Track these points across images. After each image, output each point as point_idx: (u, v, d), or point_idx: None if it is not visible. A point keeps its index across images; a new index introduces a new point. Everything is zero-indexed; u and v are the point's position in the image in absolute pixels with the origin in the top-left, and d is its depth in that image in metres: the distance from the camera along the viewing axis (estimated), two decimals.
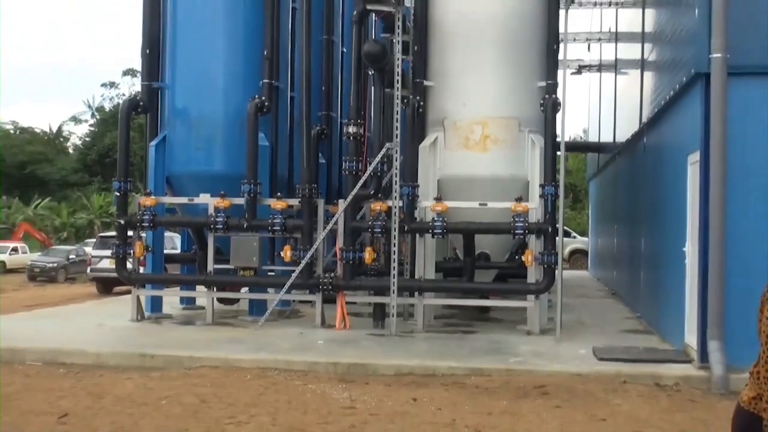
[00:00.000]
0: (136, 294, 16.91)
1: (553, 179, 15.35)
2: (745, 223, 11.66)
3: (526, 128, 15.98)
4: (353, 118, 16.18)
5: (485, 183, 15.85)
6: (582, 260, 40.03)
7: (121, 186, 16.83)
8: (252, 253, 16.23)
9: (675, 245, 13.69)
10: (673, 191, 14.13)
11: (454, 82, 16.25)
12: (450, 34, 16.40)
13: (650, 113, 16.60)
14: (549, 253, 15.12)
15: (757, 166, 11.72)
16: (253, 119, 16.25)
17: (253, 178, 16.13)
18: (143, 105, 17.61)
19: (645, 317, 17.45)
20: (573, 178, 55.78)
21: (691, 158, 12.71)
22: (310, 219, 16.13)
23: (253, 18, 17.11)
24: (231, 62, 17.19)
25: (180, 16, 17.35)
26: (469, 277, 16.18)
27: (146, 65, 17.87)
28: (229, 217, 16.18)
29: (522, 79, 16.08)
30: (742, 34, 11.62)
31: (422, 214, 15.81)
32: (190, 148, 17.09)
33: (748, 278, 11.34)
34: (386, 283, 15.53)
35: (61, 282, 35.00)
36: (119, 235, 16.97)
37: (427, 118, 16.71)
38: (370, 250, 16.06)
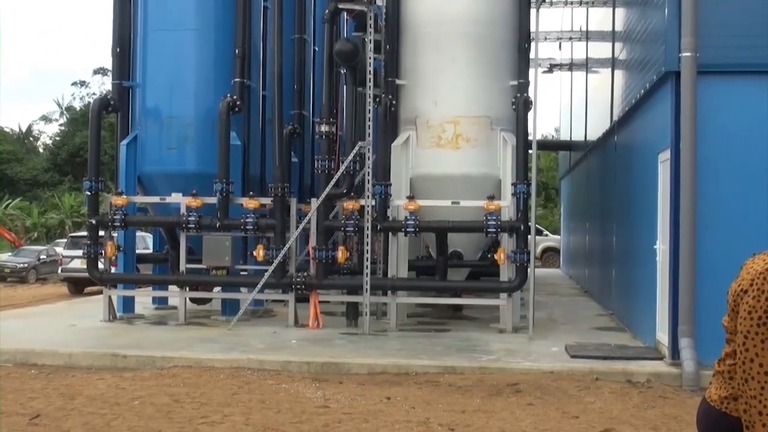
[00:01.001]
0: (108, 294, 16.81)
1: (525, 177, 15.41)
2: (716, 221, 11.75)
3: (498, 127, 16.03)
4: (325, 116, 16.18)
5: (457, 181, 15.89)
6: (554, 258, 40.21)
7: (92, 185, 16.72)
8: (224, 253, 16.18)
9: (646, 243, 13.78)
10: (644, 189, 14.22)
11: (425, 81, 16.28)
12: (422, 33, 16.43)
13: (621, 112, 16.70)
14: (521, 251, 15.18)
15: (726, 164, 11.82)
16: (225, 118, 16.20)
17: (225, 178, 16.08)
18: (114, 104, 17.51)
19: (617, 314, 17.56)
20: (545, 176, 56.03)
21: (661, 156, 12.81)
22: (282, 218, 16.11)
23: (224, 16, 17.05)
24: (202, 61, 17.13)
25: (150, 14, 17.25)
26: (442, 275, 16.21)
27: (117, 64, 17.79)
28: (201, 217, 16.13)
29: (493, 78, 16.14)
30: (711, 33, 11.72)
31: (395, 212, 15.82)
32: (162, 147, 17.01)
33: (719, 275, 11.38)
34: (359, 281, 15.53)
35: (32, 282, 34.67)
36: (90, 235, 16.86)
37: (399, 116, 16.73)
38: (343, 249, 16.07)
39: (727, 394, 3.41)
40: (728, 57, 11.87)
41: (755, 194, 11.73)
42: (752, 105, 11.86)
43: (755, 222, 11.65)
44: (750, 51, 11.83)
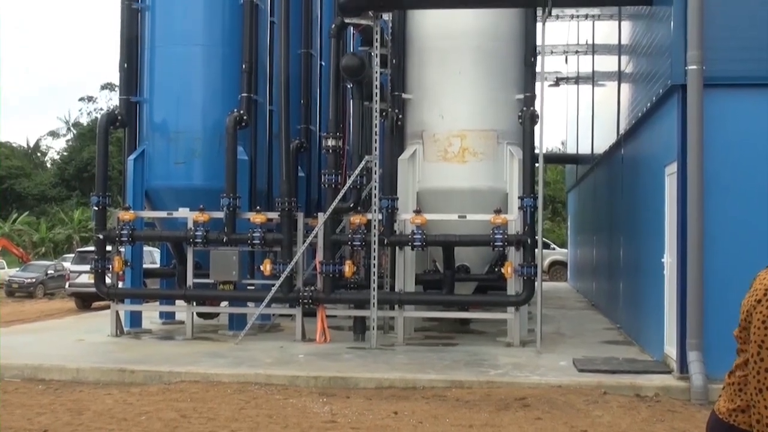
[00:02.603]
0: (115, 309, 16.83)
1: (532, 191, 15.41)
2: (723, 234, 11.72)
3: (505, 140, 16.04)
4: (332, 131, 16.19)
5: (464, 195, 15.90)
6: (561, 272, 40.15)
7: (100, 200, 16.77)
8: (231, 267, 16.19)
9: (653, 256, 13.76)
10: (651, 202, 14.21)
11: (432, 95, 16.30)
12: (428, 47, 16.47)
13: (627, 125, 16.70)
14: (528, 264, 15.16)
15: (733, 177, 11.80)
16: (232, 133, 16.24)
17: (232, 192, 16.11)
18: (121, 119, 17.56)
19: (625, 328, 17.51)
20: (551, 189, 55.98)
21: (668, 169, 12.79)
22: (289, 232, 16.12)
23: (231, 31, 17.11)
24: (209, 76, 17.17)
25: (158, 29, 17.33)
26: (449, 289, 16.19)
27: (124, 79, 17.84)
28: (208, 231, 16.15)
29: (500, 92, 16.16)
30: (717, 46, 11.72)
31: (402, 226, 15.82)
32: (169, 162, 17.04)
33: (727, 288, 11.40)
34: (366, 296, 15.52)
35: (40, 297, 34.73)
36: (98, 249, 16.90)
37: (405, 130, 16.75)
38: (350, 263, 16.06)
39: (735, 406, 3.39)
40: (734, 70, 11.87)
41: (762, 207, 11.70)
42: (759, 117, 11.84)
43: (762, 234, 11.62)
44: (756, 64, 11.83)
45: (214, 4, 17.20)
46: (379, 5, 15.46)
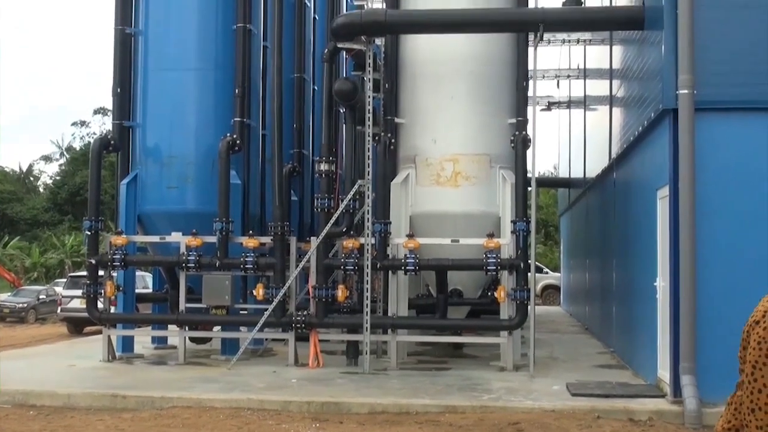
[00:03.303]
0: (107, 334, 16.76)
1: (525, 215, 15.42)
2: (716, 257, 11.74)
3: (497, 164, 16.07)
4: (325, 155, 16.21)
5: (457, 219, 15.91)
6: (554, 296, 40.13)
7: (92, 225, 16.74)
8: (224, 292, 16.16)
9: (646, 280, 13.76)
10: (643, 226, 14.23)
11: (424, 119, 16.34)
12: (420, 71, 16.53)
13: (619, 149, 16.75)
14: (521, 288, 15.16)
15: (726, 200, 11.83)
16: (225, 157, 16.25)
17: (225, 216, 16.10)
18: (114, 144, 17.57)
19: (618, 352, 17.49)
20: (544, 213, 56.06)
21: (660, 193, 12.82)
22: (282, 257, 16.11)
23: (224, 56, 17.16)
24: (202, 100, 17.21)
25: (151, 54, 17.36)
26: (442, 313, 16.16)
27: (117, 104, 17.86)
28: (201, 256, 16.12)
29: (492, 116, 16.21)
30: (708, 71, 11.78)
31: (395, 251, 15.81)
32: (162, 186, 17.04)
33: (720, 312, 11.43)
34: (359, 320, 15.49)
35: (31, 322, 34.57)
36: (90, 274, 16.85)
37: (398, 155, 16.78)
38: (343, 288, 16.04)
39: (731, 425, 3.38)
40: (725, 94, 11.93)
41: (755, 230, 11.74)
42: (750, 141, 11.89)
43: (754, 258, 11.65)
44: (747, 88, 11.89)
45: (207, 29, 17.27)
46: (372, 30, 15.54)
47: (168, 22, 17.29)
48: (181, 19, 17.24)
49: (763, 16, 11.94)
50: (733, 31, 12.02)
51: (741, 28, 12.01)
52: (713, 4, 11.94)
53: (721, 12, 12.02)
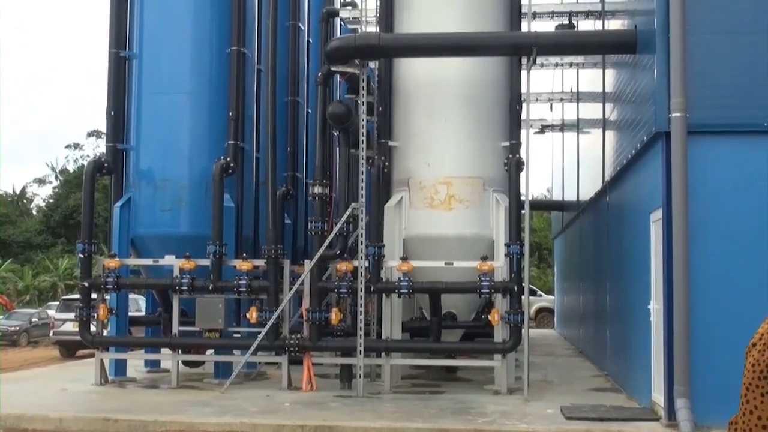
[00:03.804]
0: (100, 357, 16.69)
1: (518, 238, 15.43)
2: (709, 280, 11.74)
3: (491, 187, 16.10)
4: (318, 178, 16.22)
5: (451, 242, 15.91)
6: (548, 318, 40.11)
7: (85, 248, 16.70)
8: (217, 315, 16.12)
9: (640, 303, 13.76)
10: (637, 249, 14.25)
11: (418, 143, 16.38)
12: (414, 95, 16.58)
13: (613, 172, 16.79)
14: (515, 311, 15.15)
15: (719, 223, 11.85)
16: (219, 180, 16.25)
17: (218, 239, 16.08)
18: (108, 166, 17.56)
19: (612, 375, 17.46)
20: (538, 236, 56.08)
21: (653, 216, 12.85)
22: (275, 280, 16.08)
23: (218, 79, 17.20)
24: (196, 124, 17.23)
25: (145, 77, 17.40)
26: (436, 336, 16.14)
27: (111, 127, 17.85)
28: (194, 279, 16.09)
29: (486, 139, 16.25)
30: (700, 94, 11.84)
31: (388, 274, 15.80)
32: (155, 209, 17.03)
33: (714, 334, 11.43)
34: (353, 343, 15.45)
35: (24, 346, 34.40)
36: (83, 297, 16.80)
37: (392, 178, 16.80)
38: (337, 311, 16.01)
39: None
40: (718, 117, 11.98)
41: (748, 253, 11.75)
42: (743, 164, 11.93)
43: (748, 280, 11.66)
44: (739, 111, 11.95)
45: (201, 52, 17.32)
46: (365, 54, 15.60)
47: (162, 45, 17.33)
48: (175, 42, 17.29)
49: (755, 40, 12.01)
50: (724, 54, 12.09)
51: (732, 52, 12.08)
52: (704, 29, 12.01)
53: (713, 36, 12.09)
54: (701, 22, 11.97)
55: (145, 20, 17.53)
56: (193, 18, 17.36)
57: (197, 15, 17.38)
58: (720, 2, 12.13)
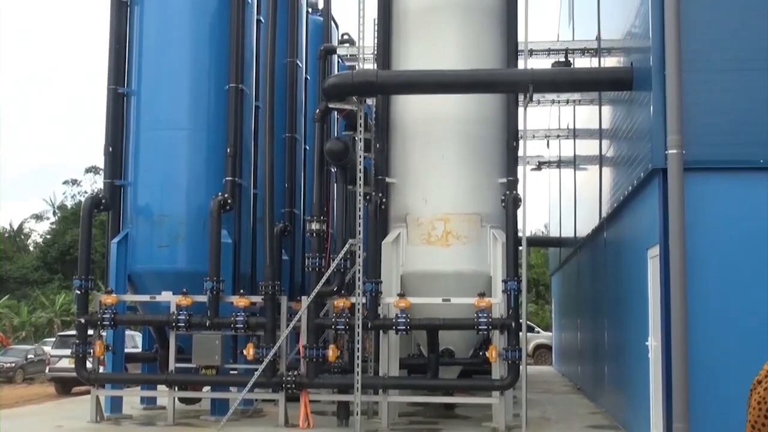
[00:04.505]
0: (96, 394, 16.60)
1: (516, 274, 15.42)
2: (707, 317, 11.72)
3: (488, 224, 16.11)
4: (316, 214, 16.23)
5: (448, 278, 15.90)
6: (546, 355, 39.96)
7: (82, 284, 16.68)
8: (214, 351, 16.06)
9: (638, 339, 13.73)
10: (634, 285, 14.23)
11: (415, 179, 16.42)
12: (411, 132, 16.64)
13: (609, 208, 16.81)
14: (513, 348, 15.11)
15: (716, 259, 11.84)
16: (216, 217, 16.26)
17: (215, 276, 16.07)
18: (105, 202, 17.58)
19: (610, 412, 17.38)
20: (535, 273, 56.04)
21: (650, 252, 12.85)
22: (273, 316, 16.04)
23: (216, 116, 17.26)
24: (194, 160, 17.27)
25: (143, 113, 17.47)
26: (434, 373, 16.07)
27: (109, 163, 17.89)
28: (191, 315, 16.05)
29: (483, 176, 16.29)
30: (696, 131, 11.87)
31: (386, 310, 15.77)
32: (153, 245, 17.02)
33: (713, 371, 11.38)
34: (350, 380, 15.39)
35: (19, 382, 34.25)
36: (79, 334, 16.74)
37: (389, 214, 16.82)
38: (334, 348, 15.96)
39: None
40: (714, 154, 12.01)
41: (746, 289, 11.73)
42: (740, 201, 11.95)
43: (747, 317, 11.63)
44: (735, 147, 11.98)
45: (199, 89, 17.39)
46: (363, 91, 15.68)
47: (161, 82, 17.42)
48: (174, 79, 17.38)
49: (751, 77, 12.08)
50: (720, 92, 12.14)
51: (728, 89, 12.13)
52: (700, 67, 12.07)
53: (709, 74, 12.16)
54: (697, 60, 12.03)
55: (143, 57, 17.63)
56: (192, 55, 17.47)
57: (196, 52, 17.49)
58: (716, 40, 12.20)
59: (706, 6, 12.25)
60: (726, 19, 12.24)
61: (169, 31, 17.52)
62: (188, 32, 17.52)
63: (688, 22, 11.92)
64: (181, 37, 17.49)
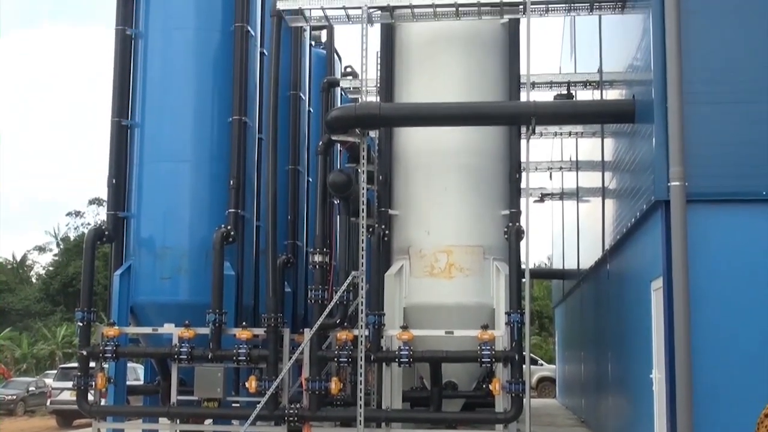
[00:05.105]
0: (97, 427, 16.54)
1: (519, 306, 15.38)
2: (711, 349, 11.67)
3: (491, 256, 16.10)
4: (319, 246, 16.22)
5: (451, 311, 15.86)
6: (550, 388, 39.78)
7: (85, 316, 16.65)
8: (216, 384, 16.00)
9: (642, 372, 13.67)
10: (638, 317, 14.20)
11: (418, 211, 16.43)
12: (414, 164, 16.67)
13: (612, 240, 16.80)
14: (516, 381, 15.03)
15: (720, 291, 11.81)
16: (219, 249, 16.26)
17: (218, 308, 16.04)
18: (108, 234, 17.58)
19: None
20: (538, 305, 55.94)
21: (654, 284, 12.83)
22: (275, 349, 15.99)
23: (219, 148, 17.31)
24: (197, 192, 17.28)
25: (146, 145, 17.52)
26: (437, 406, 16.00)
27: (112, 194, 17.90)
28: (193, 348, 16.00)
29: (486, 208, 16.30)
30: (699, 163, 11.89)
31: (388, 342, 15.72)
32: (155, 277, 17.00)
33: (717, 404, 11.33)
34: (353, 413, 15.31)
35: (20, 415, 34.15)
36: (81, 366, 16.69)
37: (392, 246, 16.81)
38: (337, 380, 15.89)
39: None
40: (717, 186, 12.01)
41: (750, 320, 11.69)
42: (742, 232, 11.94)
43: (751, 349, 11.58)
44: (738, 180, 11.98)
45: (202, 121, 17.45)
46: (366, 123, 15.73)
47: (164, 114, 17.47)
48: (177, 111, 17.43)
49: (753, 109, 12.11)
50: (723, 124, 12.16)
51: (731, 121, 12.16)
52: (702, 99, 12.10)
53: (711, 106, 12.18)
54: (699, 92, 12.07)
55: (147, 89, 17.70)
56: (195, 87, 17.53)
57: (199, 84, 17.56)
58: (717, 72, 12.24)
59: (707, 38, 12.30)
60: (728, 51, 12.28)
61: (172, 64, 17.59)
62: (192, 65, 17.60)
63: (689, 54, 11.98)
64: (185, 70, 17.57)
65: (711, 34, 12.35)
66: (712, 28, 12.36)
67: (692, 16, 12.12)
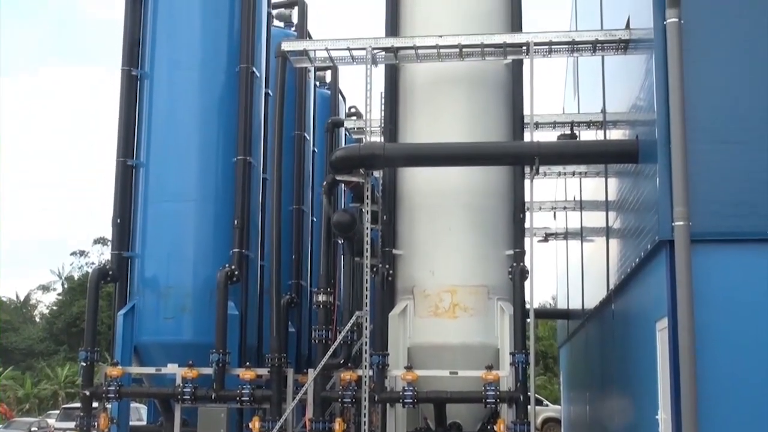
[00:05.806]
0: None
1: (524, 347, 15.32)
2: (717, 389, 11.60)
3: (495, 296, 16.07)
4: (323, 286, 16.23)
5: (455, 351, 15.80)
6: (555, 429, 39.45)
7: (88, 356, 16.63)
8: (219, 425, 15.94)
9: (647, 413, 13.58)
10: (643, 358, 14.12)
11: (422, 251, 16.41)
12: (418, 204, 16.69)
13: (617, 280, 16.76)
14: (521, 422, 14.94)
15: (726, 331, 11.76)
16: (223, 288, 16.26)
17: (221, 348, 16.00)
18: (112, 274, 17.60)
19: None
20: (543, 345, 55.66)
21: (659, 324, 12.78)
22: (279, 389, 15.94)
23: (223, 188, 17.37)
24: (201, 232, 17.33)
25: (151, 185, 17.59)
26: None
27: (117, 234, 17.95)
28: (196, 388, 15.95)
29: (490, 248, 16.29)
30: (703, 202, 11.89)
31: (392, 383, 15.65)
32: (159, 317, 17.00)
33: None
34: None
35: None
36: (84, 406, 16.65)
37: (396, 286, 16.78)
38: (341, 421, 15.82)
39: None
40: (721, 225, 11.99)
41: (756, 360, 11.64)
42: (748, 272, 11.90)
43: (757, 389, 11.52)
44: (743, 219, 11.97)
45: (207, 161, 17.54)
46: (370, 163, 15.78)
47: (169, 153, 17.57)
48: (182, 151, 17.54)
49: (756, 148, 12.12)
50: (727, 163, 12.16)
51: (735, 161, 12.16)
52: (706, 138, 12.12)
53: (714, 145, 12.19)
54: (702, 132, 12.09)
55: (152, 129, 17.81)
56: (200, 128, 17.64)
57: (204, 125, 17.66)
58: (720, 113, 12.27)
59: (710, 78, 12.34)
60: (731, 90, 12.32)
61: (178, 104, 17.72)
62: (197, 105, 17.71)
63: (692, 94, 12.02)
64: (190, 110, 17.68)
65: (713, 74, 12.39)
66: (715, 67, 12.40)
67: (695, 56, 12.17)
